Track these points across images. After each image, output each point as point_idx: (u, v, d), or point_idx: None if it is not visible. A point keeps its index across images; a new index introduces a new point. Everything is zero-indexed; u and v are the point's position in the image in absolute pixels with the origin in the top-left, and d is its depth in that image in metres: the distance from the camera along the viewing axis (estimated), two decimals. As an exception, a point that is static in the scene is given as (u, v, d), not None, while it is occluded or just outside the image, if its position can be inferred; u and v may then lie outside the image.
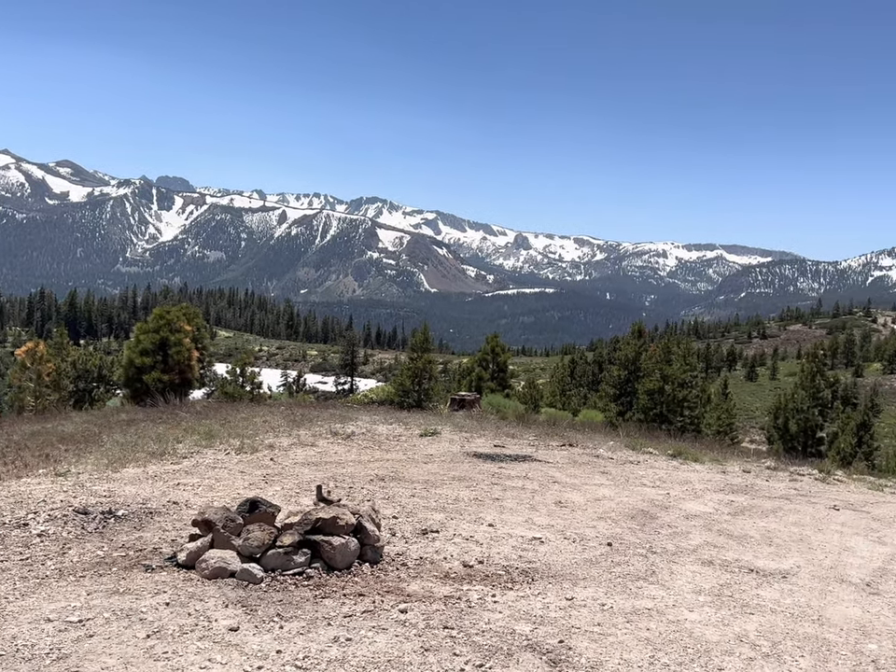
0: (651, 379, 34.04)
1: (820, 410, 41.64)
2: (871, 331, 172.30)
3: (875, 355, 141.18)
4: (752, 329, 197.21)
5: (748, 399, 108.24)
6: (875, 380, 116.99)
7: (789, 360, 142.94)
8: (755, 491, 11.66)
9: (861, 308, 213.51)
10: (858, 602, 6.22)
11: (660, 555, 7.17)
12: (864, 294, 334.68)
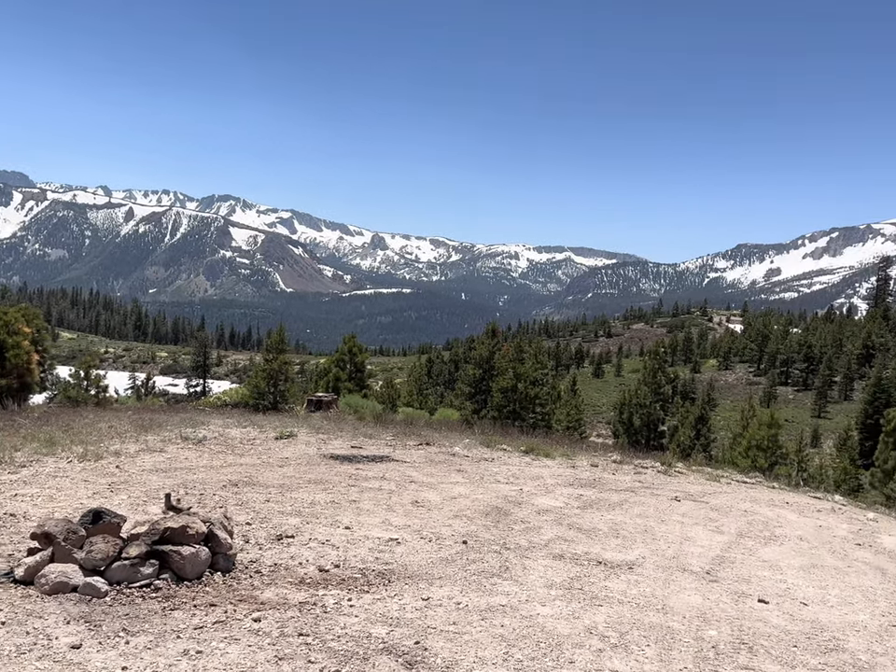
0: (505, 377, 34.70)
1: (662, 405, 43.64)
2: (707, 330, 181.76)
3: (710, 351, 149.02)
4: (599, 328, 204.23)
5: (595, 395, 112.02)
6: (711, 375, 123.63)
7: (632, 358, 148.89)
8: (602, 484, 12.04)
9: (699, 308, 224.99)
10: (699, 590, 6.50)
11: (513, 551, 7.28)
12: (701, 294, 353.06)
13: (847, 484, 37.67)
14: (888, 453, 34.15)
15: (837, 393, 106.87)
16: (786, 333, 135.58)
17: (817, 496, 15.64)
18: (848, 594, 6.92)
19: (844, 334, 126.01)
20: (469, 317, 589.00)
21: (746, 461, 32.37)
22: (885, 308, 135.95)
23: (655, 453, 23.93)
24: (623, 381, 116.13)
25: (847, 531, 10.45)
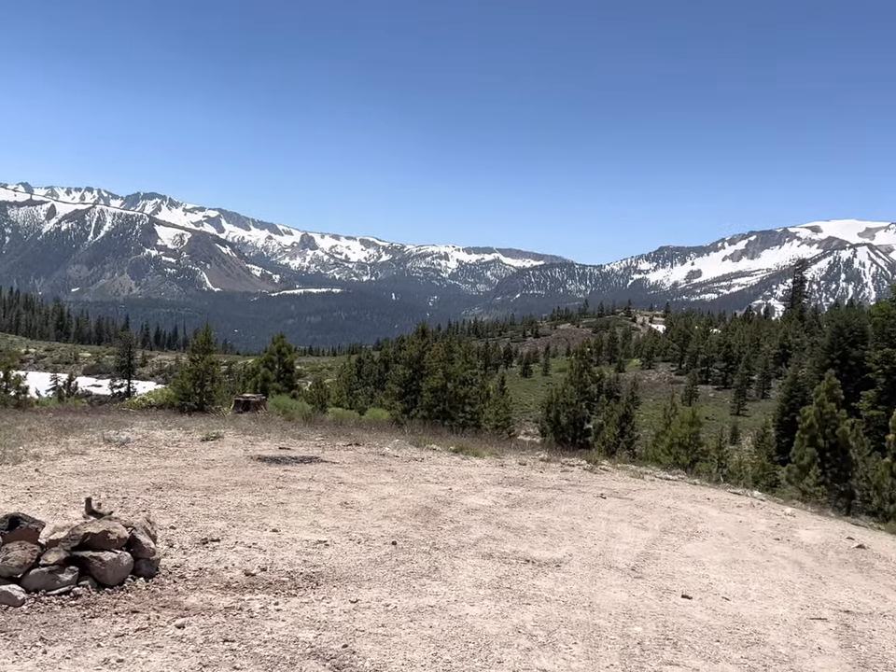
0: (435, 377, 34.70)
1: (588, 403, 44.16)
2: (631, 330, 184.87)
3: (634, 351, 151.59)
4: (527, 328, 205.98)
5: (523, 394, 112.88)
6: (634, 374, 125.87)
7: (559, 357, 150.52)
8: (530, 483, 12.10)
9: (623, 308, 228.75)
10: (624, 587, 6.56)
11: (443, 551, 7.24)
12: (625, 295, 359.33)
13: (766, 480, 38.67)
14: (803, 449, 35.14)
15: (755, 391, 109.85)
16: (706, 333, 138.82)
17: (737, 491, 16.01)
18: (768, 588, 7.07)
19: (761, 334, 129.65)
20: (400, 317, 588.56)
21: (668, 458, 32.99)
22: (800, 309, 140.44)
23: (582, 450, 24.21)
24: (550, 380, 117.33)
25: (765, 526, 10.70)
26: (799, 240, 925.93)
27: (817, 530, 11.14)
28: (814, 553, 9.09)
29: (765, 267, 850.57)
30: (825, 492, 32.71)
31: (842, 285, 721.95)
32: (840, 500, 33.53)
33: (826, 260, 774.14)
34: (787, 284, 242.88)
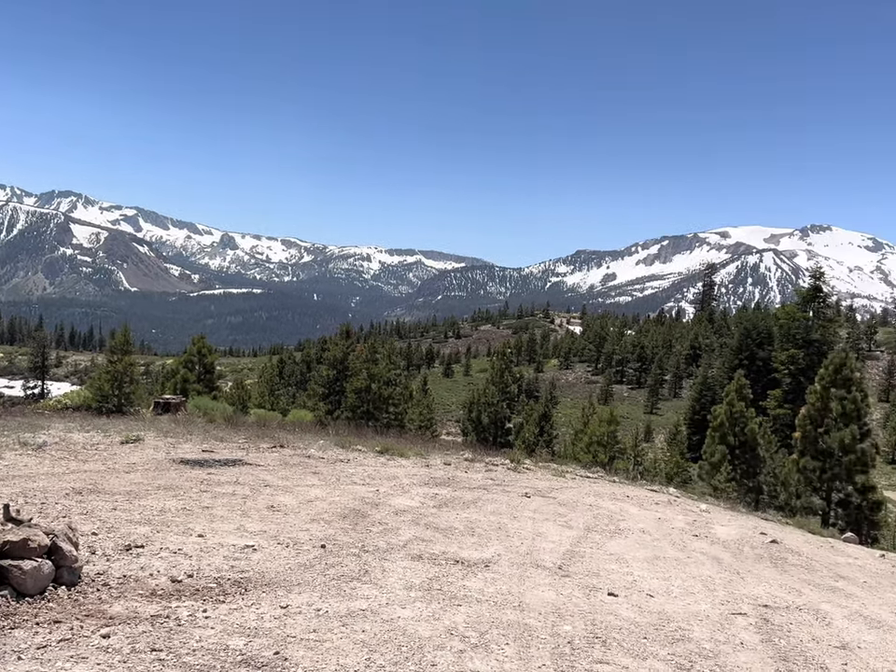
0: (359, 378, 34.49)
1: (508, 403, 44.48)
2: (549, 331, 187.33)
3: (553, 352, 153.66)
4: (448, 329, 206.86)
5: (445, 394, 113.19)
6: (553, 375, 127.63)
7: (480, 358, 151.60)
8: (456, 483, 12.09)
9: (542, 310, 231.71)
10: (552, 585, 6.58)
11: (372, 554, 7.15)
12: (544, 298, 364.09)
13: (679, 477, 39.62)
14: (714, 447, 36.12)
15: (668, 391, 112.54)
16: (621, 335, 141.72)
17: (654, 488, 16.32)
18: (690, 584, 7.20)
19: (673, 336, 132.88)
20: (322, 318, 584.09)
21: (587, 456, 33.51)
22: (710, 311, 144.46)
23: (504, 450, 24.36)
24: (471, 380, 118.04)
25: (683, 523, 10.92)
26: (709, 245, 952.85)
27: (731, 526, 11.42)
28: (731, 549, 9.31)
29: (677, 271, 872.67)
30: (735, 488, 33.70)
31: (749, 288, 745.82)
32: (749, 496, 34.57)
33: (734, 265, 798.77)
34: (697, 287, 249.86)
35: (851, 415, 30.18)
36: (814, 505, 30.01)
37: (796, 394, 59.21)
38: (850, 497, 29.98)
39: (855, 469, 29.67)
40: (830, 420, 30.29)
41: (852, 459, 29.57)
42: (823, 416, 30.40)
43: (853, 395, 30.40)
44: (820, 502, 30.34)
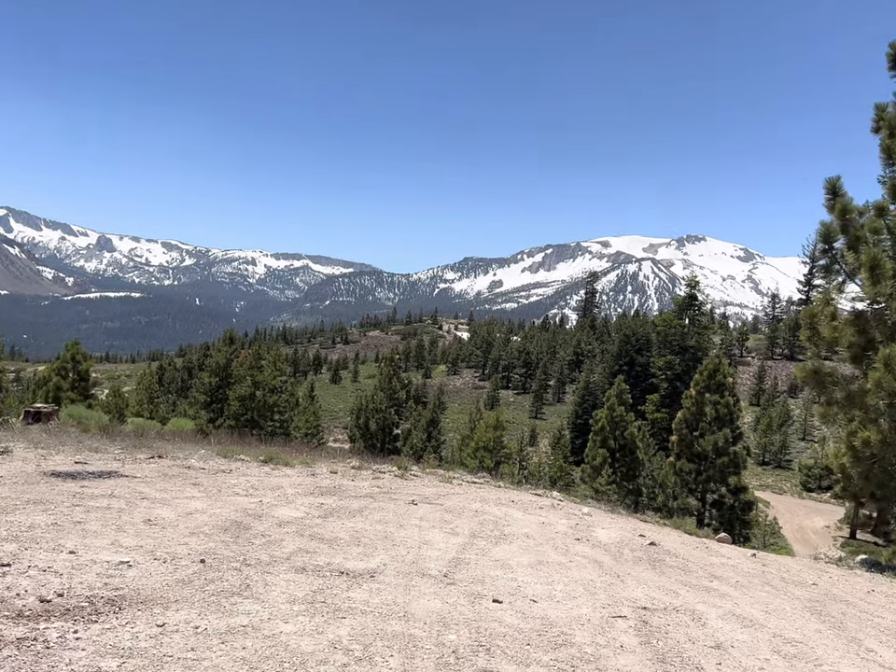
0: (243, 385, 33.79)
1: (396, 409, 44.52)
2: (438, 337, 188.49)
3: (441, 357, 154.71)
4: (336, 334, 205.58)
5: (332, 400, 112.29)
6: (441, 380, 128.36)
7: (368, 364, 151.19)
8: (343, 492, 11.97)
9: (430, 316, 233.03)
10: (438, 594, 6.58)
11: (254, 567, 6.98)
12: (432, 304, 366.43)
13: (563, 480, 40.52)
14: (595, 450, 37.12)
15: (552, 396, 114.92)
16: (507, 341, 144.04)
17: (538, 493, 16.59)
18: (572, 588, 7.33)
19: (557, 342, 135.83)
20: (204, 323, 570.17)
21: (474, 461, 33.84)
22: (592, 318, 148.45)
23: (392, 456, 24.32)
24: (359, 386, 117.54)
25: (566, 526, 11.13)
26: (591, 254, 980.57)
27: (612, 529, 11.71)
28: (611, 552, 9.54)
29: (561, 278, 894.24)
30: (616, 490, 34.70)
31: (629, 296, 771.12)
32: (629, 497, 35.68)
33: (615, 273, 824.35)
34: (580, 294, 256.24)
35: (724, 419, 31.57)
36: (690, 506, 31.24)
37: (673, 398, 61.54)
38: (724, 497, 31.34)
39: (728, 470, 31.04)
40: (704, 424, 31.59)
41: (725, 461, 30.94)
42: (698, 420, 31.67)
43: (726, 399, 31.81)
44: (696, 503, 31.60)
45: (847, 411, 13.71)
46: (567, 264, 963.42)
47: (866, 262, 12.73)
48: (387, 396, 43.46)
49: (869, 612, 8.64)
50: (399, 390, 44.68)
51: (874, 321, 13.41)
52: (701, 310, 76.49)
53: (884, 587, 11.24)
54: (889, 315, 13.09)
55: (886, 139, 13.60)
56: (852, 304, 14.27)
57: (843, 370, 14.71)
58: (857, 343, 13.57)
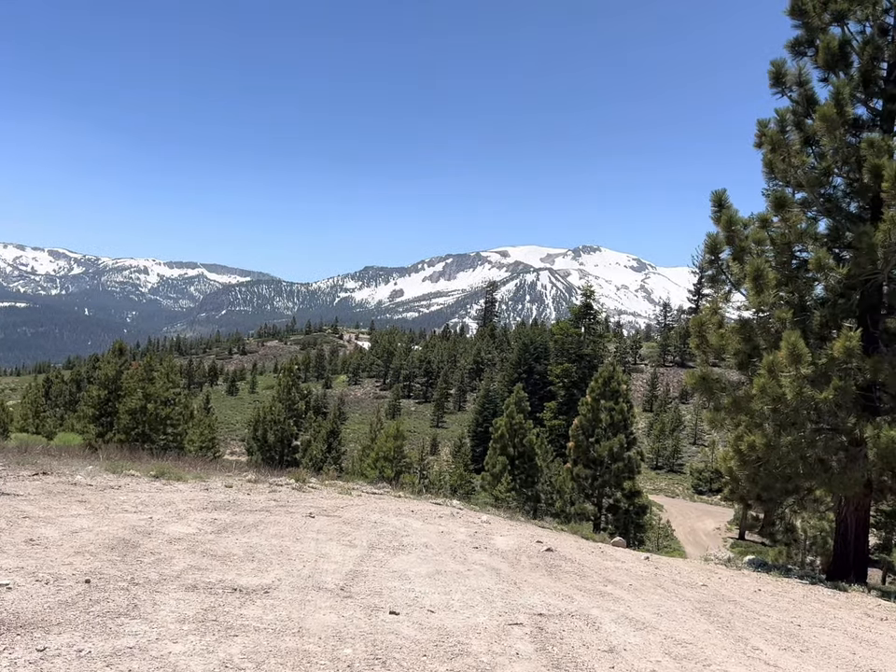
0: (134, 398, 32.74)
1: (296, 420, 43.98)
2: (338, 347, 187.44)
3: (341, 367, 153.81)
4: (233, 345, 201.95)
5: (229, 412, 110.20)
6: (341, 390, 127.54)
7: (267, 374, 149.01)
8: (238, 506, 11.71)
9: (330, 326, 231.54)
10: (334, 608, 6.49)
11: (143, 586, 6.74)
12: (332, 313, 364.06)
13: (463, 489, 40.75)
14: (495, 458, 37.50)
15: (453, 404, 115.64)
16: (408, 350, 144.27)
17: (438, 502, 16.62)
18: (469, 597, 7.35)
19: (458, 351, 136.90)
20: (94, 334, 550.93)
21: (374, 472, 33.70)
22: (492, 327, 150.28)
23: (290, 469, 23.96)
24: (257, 398, 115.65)
25: (465, 535, 11.18)
26: (490, 263, 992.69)
27: (510, 536, 11.82)
28: (509, 559, 9.63)
29: (461, 288, 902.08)
30: (515, 497, 35.13)
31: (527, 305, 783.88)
32: (528, 504, 36.16)
33: (513, 283, 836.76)
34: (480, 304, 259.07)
35: (619, 425, 32.41)
36: (587, 511, 31.91)
37: (570, 405, 62.83)
38: (619, 502, 32.15)
39: (623, 475, 31.86)
40: (600, 430, 32.34)
41: (620, 466, 31.74)
42: (594, 426, 32.41)
43: (620, 406, 32.66)
44: (593, 508, 32.29)
45: (733, 416, 14.23)
46: (467, 274, 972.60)
47: (750, 272, 13.25)
48: (286, 407, 42.88)
49: (756, 611, 8.98)
50: (299, 401, 44.14)
51: (758, 329, 13.98)
52: (596, 319, 78.46)
53: (770, 586, 11.71)
54: (773, 323, 13.66)
55: (768, 154, 14.22)
56: (738, 313, 14.85)
57: (730, 376, 15.27)
58: (742, 351, 14.11)
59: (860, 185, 13.59)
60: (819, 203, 14.20)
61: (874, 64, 14.09)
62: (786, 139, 14.02)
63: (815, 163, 14.12)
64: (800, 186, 14.03)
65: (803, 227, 13.95)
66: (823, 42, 13.98)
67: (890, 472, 12.75)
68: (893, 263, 12.51)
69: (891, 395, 12.85)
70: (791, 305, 13.61)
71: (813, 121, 13.76)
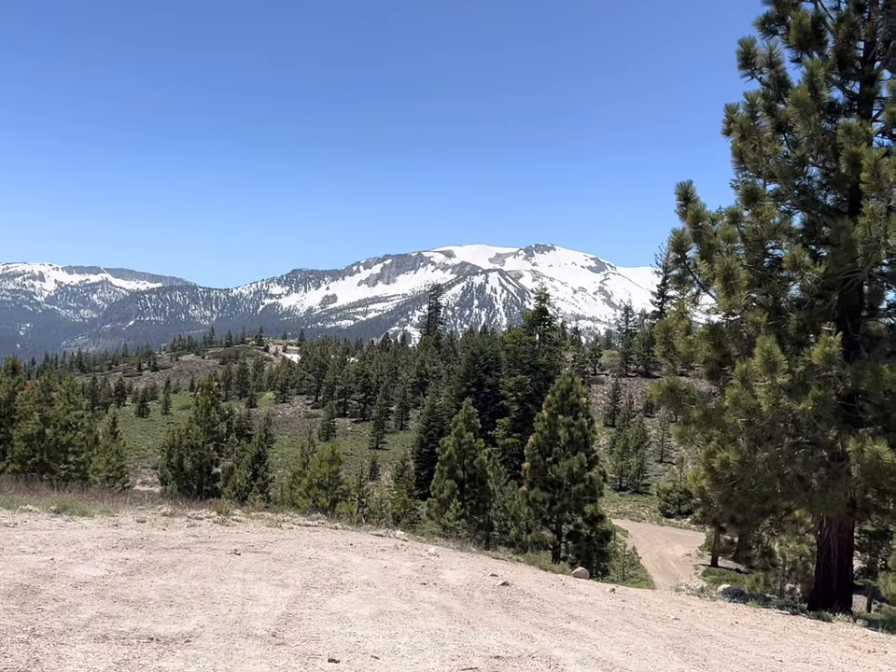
0: (30, 422, 32.02)
1: (216, 444, 43.47)
2: (263, 360, 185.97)
3: (267, 383, 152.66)
4: (143, 360, 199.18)
5: (139, 437, 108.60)
6: (268, 409, 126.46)
7: (182, 393, 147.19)
8: (152, 544, 11.52)
9: (254, 336, 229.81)
10: (265, 657, 6.41)
11: (45, 638, 6.58)
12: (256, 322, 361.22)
13: (408, 517, 40.74)
14: (443, 482, 37.53)
15: (395, 423, 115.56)
16: (343, 363, 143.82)
17: (379, 533, 16.59)
18: (418, 640, 7.32)
19: (399, 362, 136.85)
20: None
21: (307, 501, 33.45)
22: (437, 336, 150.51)
23: (211, 500, 23.69)
24: (172, 419, 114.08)
25: (411, 570, 11.15)
26: (433, 265, 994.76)
27: (461, 569, 11.84)
28: (461, 596, 9.63)
29: (401, 292, 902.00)
30: (466, 525, 35.20)
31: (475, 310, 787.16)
32: (480, 532, 36.27)
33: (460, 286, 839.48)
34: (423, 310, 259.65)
35: (579, 442, 32.70)
36: (545, 538, 32.10)
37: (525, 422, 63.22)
38: (580, 528, 32.41)
39: (584, 498, 32.13)
40: (558, 448, 32.59)
41: (581, 489, 32.01)
42: (552, 444, 32.65)
43: (580, 421, 32.96)
44: (551, 535, 32.51)
45: (704, 430, 14.43)
46: (408, 276, 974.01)
47: (720, 272, 13.46)
48: (205, 429, 42.35)
49: (733, 647, 9.12)
50: (219, 422, 43.64)
51: (729, 334, 14.19)
52: (552, 325, 79.11)
53: (748, 618, 11.90)
54: (745, 327, 13.88)
55: (737, 142, 14.46)
56: (707, 317, 15.07)
57: (699, 386, 15.49)
58: (713, 359, 14.32)
59: (837, 175, 13.90)
60: (794, 195, 14.50)
61: (849, 44, 14.43)
62: (756, 126, 14.25)
63: (788, 152, 14.39)
64: (772, 177, 14.29)
65: (776, 221, 14.22)
66: (795, 19, 14.25)
67: (875, 490, 13.04)
68: (874, 261, 12.83)
69: (875, 405, 13.10)
70: (765, 308, 13.85)
71: (785, 106, 13.99)
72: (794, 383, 12.59)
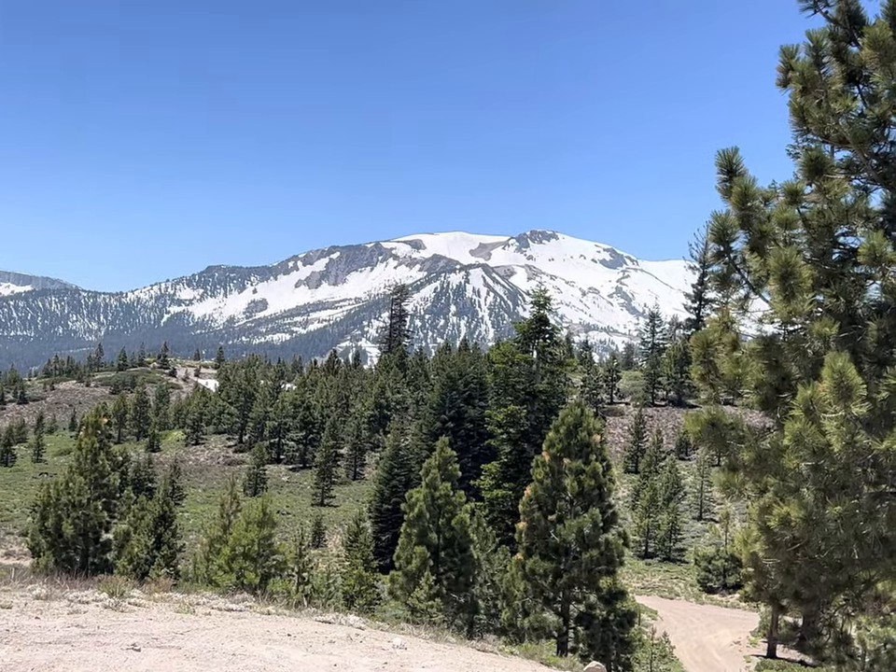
0: None
1: (106, 501, 43.17)
2: (169, 388, 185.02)
3: (175, 419, 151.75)
4: (7, 389, 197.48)
5: (2, 493, 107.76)
6: (176, 454, 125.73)
7: (60, 433, 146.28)
8: (21, 637, 11.43)
9: (156, 356, 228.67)
10: None
11: None
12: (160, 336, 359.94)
13: (364, 597, 40.59)
14: (411, 549, 37.37)
15: (345, 470, 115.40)
16: (277, 391, 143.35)
17: (327, 619, 16.52)
18: None
19: (351, 390, 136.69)
20: None
21: (229, 577, 33.25)
22: (401, 354, 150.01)
23: (100, 576, 23.53)
24: (46, 468, 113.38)
25: (370, 668, 11.13)
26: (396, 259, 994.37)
27: (437, 667, 11.82)
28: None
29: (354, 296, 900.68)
30: (442, 606, 35.08)
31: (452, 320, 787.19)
32: (461, 616, 36.17)
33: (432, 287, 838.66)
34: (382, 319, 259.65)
35: (591, 495, 32.67)
36: (547, 623, 32.05)
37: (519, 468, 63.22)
38: (594, 608, 32.36)
39: (598, 569, 32.09)
40: (564, 503, 32.58)
41: (594, 556, 31.97)
42: (555, 498, 32.63)
43: (593, 466, 32.95)
44: (555, 619, 32.45)
45: (757, 477, 14.40)
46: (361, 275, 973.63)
47: (776, 269, 13.41)
48: (91, 482, 42.08)
49: None
50: (110, 472, 43.36)
51: (789, 351, 14.15)
52: (554, 338, 79.02)
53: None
54: (809, 341, 13.86)
55: (797, 96, 14.42)
56: (759, 327, 15.05)
57: (750, 419, 15.48)
58: (767, 382, 14.28)
59: (928, 139, 13.97)
60: (871, 165, 14.54)
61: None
62: (822, 75, 14.27)
63: (864, 109, 14.44)
64: (843, 142, 14.32)
65: (848, 201, 14.22)
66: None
67: (982, 554, 13.08)
68: (978, 252, 12.89)
69: (981, 442, 13.15)
70: (836, 315, 13.86)
71: (860, 49, 14.04)
72: (875, 414, 12.58)
